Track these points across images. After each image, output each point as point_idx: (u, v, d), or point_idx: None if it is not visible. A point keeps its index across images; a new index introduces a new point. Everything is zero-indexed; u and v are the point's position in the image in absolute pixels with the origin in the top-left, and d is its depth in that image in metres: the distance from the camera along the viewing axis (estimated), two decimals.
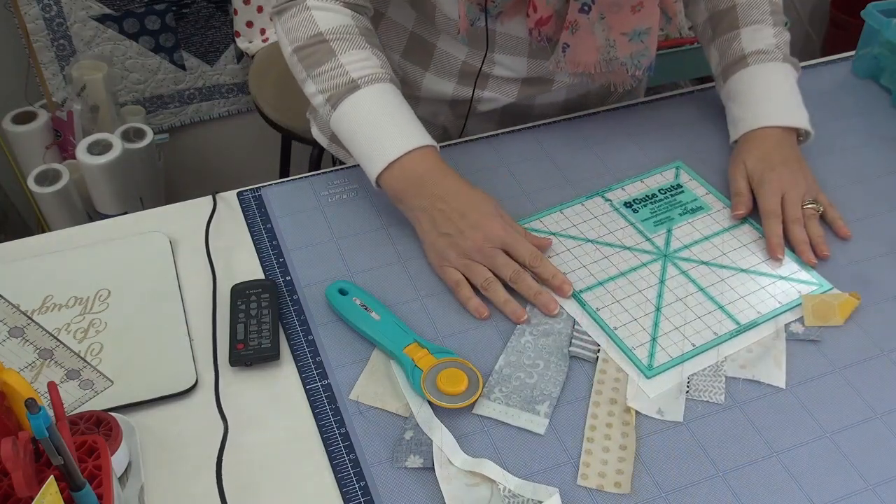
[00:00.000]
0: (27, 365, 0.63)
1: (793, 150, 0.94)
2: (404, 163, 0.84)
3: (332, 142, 1.15)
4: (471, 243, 0.81)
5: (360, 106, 0.86)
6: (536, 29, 0.91)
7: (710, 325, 0.79)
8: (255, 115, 1.78)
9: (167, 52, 1.89)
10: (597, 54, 0.93)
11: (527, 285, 0.80)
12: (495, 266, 0.81)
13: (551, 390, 0.74)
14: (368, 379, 0.75)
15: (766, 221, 0.88)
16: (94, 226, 0.91)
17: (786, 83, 0.96)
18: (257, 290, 0.81)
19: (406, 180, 0.84)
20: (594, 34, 0.90)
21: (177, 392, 0.73)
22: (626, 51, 0.93)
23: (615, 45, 0.92)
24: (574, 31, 0.90)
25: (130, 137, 1.77)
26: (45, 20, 1.73)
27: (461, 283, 0.81)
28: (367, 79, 0.86)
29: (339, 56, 0.87)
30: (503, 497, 0.66)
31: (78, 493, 0.55)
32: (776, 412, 0.73)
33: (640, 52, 0.94)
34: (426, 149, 0.85)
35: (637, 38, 0.92)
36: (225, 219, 0.91)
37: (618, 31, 0.91)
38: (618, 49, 0.93)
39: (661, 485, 0.68)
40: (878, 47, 1.11)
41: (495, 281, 0.81)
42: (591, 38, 0.91)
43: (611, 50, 0.93)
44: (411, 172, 0.84)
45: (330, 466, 0.69)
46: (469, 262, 0.81)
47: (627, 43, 0.92)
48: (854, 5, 1.64)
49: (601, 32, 0.91)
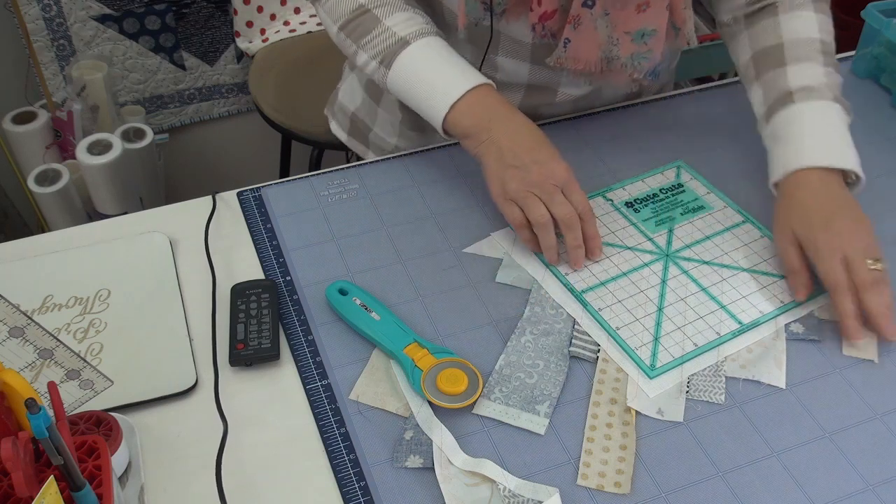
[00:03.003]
0: (27, 365, 0.63)
1: (842, 195, 0.83)
2: (469, 101, 0.86)
3: (350, 136, 1.16)
4: (535, 177, 0.82)
5: (414, 59, 0.88)
6: (540, 24, 0.90)
7: (712, 325, 0.79)
8: (255, 115, 1.78)
9: (167, 52, 1.89)
10: (598, 51, 0.92)
11: (574, 235, 0.82)
12: (553, 203, 0.81)
13: (551, 390, 0.74)
14: (368, 379, 0.75)
15: (836, 298, 0.78)
16: (94, 226, 0.91)
17: (833, 122, 0.87)
18: (257, 290, 0.81)
19: (473, 116, 0.86)
20: (597, 31, 0.90)
21: (177, 392, 0.73)
22: (628, 51, 0.93)
23: (618, 44, 0.92)
24: (576, 26, 0.89)
25: (130, 137, 1.77)
26: (45, 20, 1.73)
27: (524, 226, 0.83)
28: (416, 34, 0.88)
29: (384, 20, 0.89)
30: (503, 497, 0.66)
31: (78, 493, 0.55)
32: (776, 412, 0.73)
33: (641, 53, 0.93)
34: (486, 87, 0.87)
35: (640, 40, 0.92)
36: (225, 219, 0.91)
37: (621, 30, 0.91)
38: (620, 48, 0.92)
39: (661, 485, 0.68)
40: (878, 47, 1.11)
41: (550, 222, 0.82)
42: (594, 35, 0.90)
43: (613, 48, 0.92)
44: (478, 108, 0.86)
45: (330, 466, 0.69)
46: (529, 194, 0.82)
47: (630, 43, 0.92)
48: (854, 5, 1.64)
49: (604, 29, 0.90)
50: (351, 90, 1.16)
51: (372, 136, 1.14)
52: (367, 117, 1.13)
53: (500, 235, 0.89)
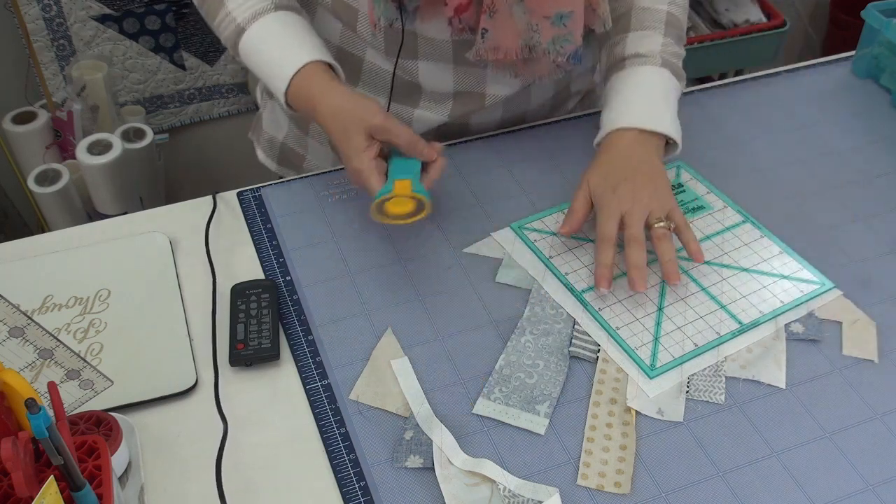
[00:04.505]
0: (27, 365, 0.63)
1: (647, 158, 0.86)
2: (296, 84, 0.86)
3: (280, 165, 1.14)
4: (348, 171, 0.83)
5: (248, 48, 0.89)
6: (457, 17, 0.88)
7: (712, 325, 0.79)
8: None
9: (167, 52, 1.89)
10: (518, 39, 0.89)
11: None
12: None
13: (551, 390, 0.74)
14: (368, 379, 0.75)
15: (596, 247, 0.83)
16: (94, 226, 0.91)
17: (657, 87, 0.90)
18: (257, 290, 0.81)
19: (301, 101, 0.86)
20: (513, 17, 0.88)
21: (177, 392, 0.73)
22: (549, 35, 0.90)
23: (538, 30, 0.89)
24: (492, 14, 0.87)
25: (130, 137, 1.77)
26: (45, 20, 1.73)
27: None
28: (249, 19, 0.88)
29: (227, 3, 0.89)
30: (503, 497, 0.66)
31: (78, 493, 0.55)
32: (776, 412, 0.73)
33: (562, 36, 0.90)
34: (311, 66, 0.86)
35: (559, 22, 0.88)
36: (225, 219, 0.91)
37: (539, 15, 0.88)
38: (541, 33, 0.89)
39: (661, 485, 0.68)
40: (878, 47, 1.11)
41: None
42: (511, 22, 0.88)
43: (534, 35, 0.89)
44: (303, 93, 0.86)
45: (330, 466, 0.69)
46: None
47: (550, 27, 0.89)
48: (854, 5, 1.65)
49: (522, 16, 0.88)
50: (275, 119, 1.13)
51: (306, 164, 1.11)
52: (298, 146, 1.10)
53: (500, 235, 0.89)
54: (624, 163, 0.86)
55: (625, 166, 0.86)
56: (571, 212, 0.86)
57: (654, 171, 0.86)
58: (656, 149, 0.88)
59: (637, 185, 0.84)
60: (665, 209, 0.84)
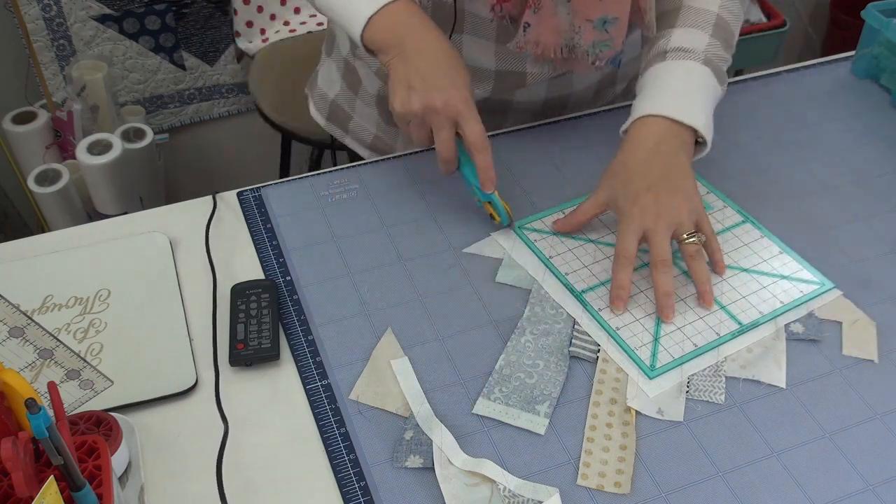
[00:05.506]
0: (27, 365, 0.63)
1: (674, 158, 0.82)
2: (384, 14, 0.83)
3: (328, 121, 1.15)
4: (432, 102, 0.80)
5: None
6: (499, 5, 0.88)
7: (712, 325, 0.79)
8: (255, 115, 1.78)
9: (167, 52, 1.89)
10: (559, 37, 0.90)
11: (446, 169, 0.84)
12: (437, 137, 0.82)
13: (551, 390, 0.74)
14: (368, 379, 0.75)
15: (614, 264, 0.80)
16: (94, 226, 0.91)
17: (695, 80, 0.85)
18: (257, 290, 0.81)
19: (386, 31, 0.83)
20: (557, 16, 0.88)
21: (177, 392, 0.73)
22: (590, 38, 0.90)
23: (580, 32, 0.89)
24: (536, 10, 0.87)
25: (130, 137, 1.77)
26: (45, 20, 1.73)
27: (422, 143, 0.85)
28: None
29: None
30: (503, 497, 0.66)
31: (78, 493, 0.55)
32: (776, 412, 0.73)
33: (603, 41, 0.90)
34: (404, 1, 0.84)
35: (602, 27, 0.88)
36: (225, 219, 0.91)
37: (583, 17, 0.88)
38: (582, 36, 0.89)
39: (661, 485, 0.68)
40: (878, 47, 1.11)
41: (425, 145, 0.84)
42: (554, 20, 0.88)
43: (574, 36, 0.90)
44: (392, 22, 0.83)
45: (330, 466, 0.69)
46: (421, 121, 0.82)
47: (592, 30, 0.89)
48: (854, 5, 1.65)
49: (566, 16, 0.88)
50: (329, 77, 1.14)
51: (352, 124, 1.13)
52: (347, 106, 1.12)
53: (500, 235, 0.89)
54: (648, 166, 0.81)
55: (649, 171, 0.81)
56: (576, 213, 0.85)
57: (681, 174, 0.81)
58: (686, 146, 0.83)
59: (661, 195, 0.79)
60: (693, 219, 0.80)
